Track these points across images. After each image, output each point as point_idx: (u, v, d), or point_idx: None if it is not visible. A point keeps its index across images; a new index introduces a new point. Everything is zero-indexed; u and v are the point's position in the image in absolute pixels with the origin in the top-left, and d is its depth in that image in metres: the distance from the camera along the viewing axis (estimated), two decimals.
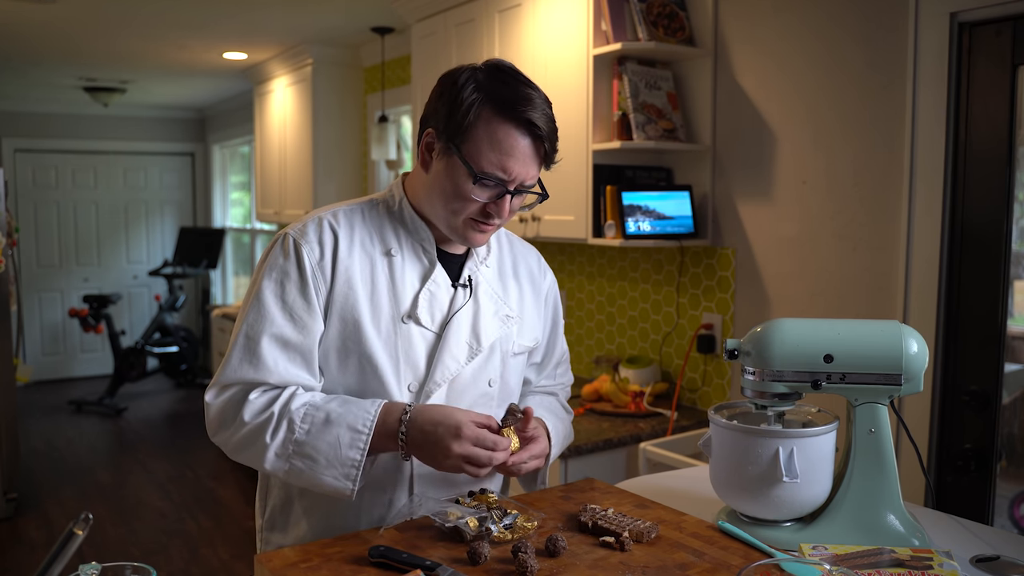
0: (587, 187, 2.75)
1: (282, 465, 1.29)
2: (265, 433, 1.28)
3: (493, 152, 1.28)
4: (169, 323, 7.04)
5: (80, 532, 0.91)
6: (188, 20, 4.26)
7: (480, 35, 3.22)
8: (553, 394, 1.64)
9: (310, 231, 1.36)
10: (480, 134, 1.28)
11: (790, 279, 2.54)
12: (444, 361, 1.38)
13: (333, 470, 1.27)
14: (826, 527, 1.30)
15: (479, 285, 1.44)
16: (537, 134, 1.29)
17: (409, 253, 1.40)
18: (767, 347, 1.30)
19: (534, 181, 1.34)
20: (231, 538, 4.04)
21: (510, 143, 1.28)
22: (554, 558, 1.19)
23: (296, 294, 1.33)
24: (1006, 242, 2.04)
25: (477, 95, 1.28)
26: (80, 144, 7.58)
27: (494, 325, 1.44)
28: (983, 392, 2.08)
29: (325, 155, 4.98)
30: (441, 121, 1.31)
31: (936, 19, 2.10)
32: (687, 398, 2.91)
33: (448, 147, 1.31)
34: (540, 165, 1.34)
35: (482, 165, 1.28)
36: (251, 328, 1.32)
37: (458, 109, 1.28)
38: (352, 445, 1.27)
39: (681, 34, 2.73)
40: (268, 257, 1.37)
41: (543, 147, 1.31)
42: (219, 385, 1.33)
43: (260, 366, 1.31)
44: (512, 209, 1.35)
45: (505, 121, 1.28)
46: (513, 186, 1.31)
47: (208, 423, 1.36)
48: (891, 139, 2.24)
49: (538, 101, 1.30)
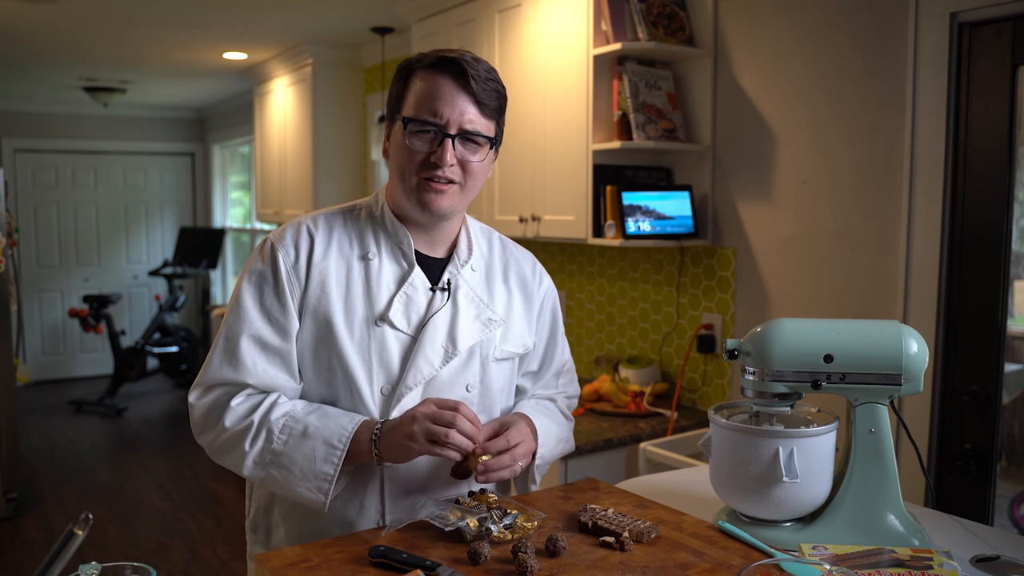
0: (587, 187, 2.75)
1: (259, 473, 1.32)
2: (245, 441, 1.31)
3: (421, 101, 1.33)
4: (169, 323, 7.04)
5: (80, 532, 0.91)
6: (188, 20, 4.26)
7: (480, 35, 3.22)
8: (552, 400, 1.59)
9: (288, 236, 1.39)
10: (410, 93, 1.35)
11: (790, 279, 2.54)
12: (417, 364, 1.37)
13: (307, 482, 1.30)
14: (826, 527, 1.30)
15: (459, 288, 1.43)
16: (460, 70, 1.32)
17: (387, 256, 1.41)
18: (767, 347, 1.30)
19: (476, 126, 1.34)
20: (231, 538, 4.04)
21: (432, 87, 1.33)
22: (554, 558, 1.19)
23: (273, 298, 1.36)
24: (1006, 242, 2.04)
25: (410, 66, 1.37)
26: (80, 144, 7.58)
27: (474, 329, 1.42)
28: (983, 392, 2.08)
29: (325, 155, 4.98)
30: (390, 103, 1.40)
31: (936, 19, 2.10)
32: (687, 398, 2.91)
33: (392, 119, 1.39)
34: (477, 108, 1.34)
35: (412, 114, 1.34)
36: (230, 330, 1.35)
37: (396, 84, 1.38)
38: (327, 459, 1.29)
39: (681, 34, 2.73)
40: (249, 262, 1.40)
41: (470, 85, 1.32)
42: (201, 386, 1.36)
43: (239, 367, 1.33)
44: (463, 161, 1.34)
45: (428, 71, 1.34)
46: (451, 130, 1.32)
47: (192, 424, 1.39)
48: (891, 139, 2.24)
49: (467, 56, 1.34)
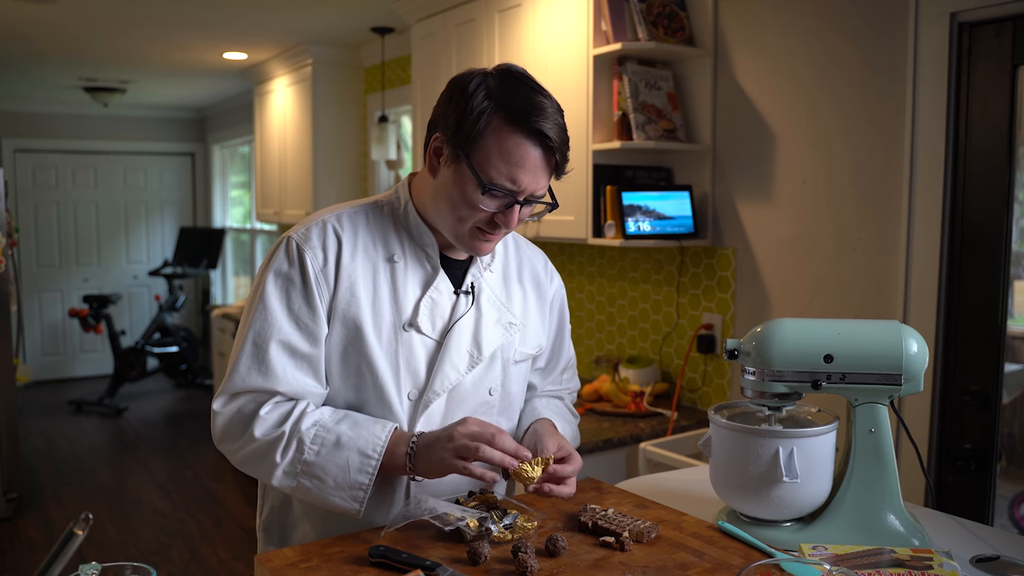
0: (587, 187, 2.75)
1: (290, 482, 1.29)
2: (275, 451, 1.27)
3: (503, 163, 1.25)
4: (169, 323, 7.04)
5: (80, 532, 0.91)
6: (188, 20, 4.26)
7: (480, 35, 3.22)
8: (559, 398, 1.62)
9: (314, 236, 1.34)
10: (490, 144, 1.25)
11: (790, 279, 2.54)
12: (444, 370, 1.36)
13: (341, 492, 1.27)
14: (826, 527, 1.30)
15: (482, 292, 1.42)
16: (548, 145, 1.26)
17: (412, 259, 1.38)
18: (767, 347, 1.30)
19: (544, 191, 1.32)
20: (231, 538, 4.04)
21: (520, 154, 1.25)
22: (554, 558, 1.19)
23: (301, 301, 1.31)
24: (1006, 242, 2.04)
25: (487, 103, 1.25)
26: (80, 144, 7.58)
27: (496, 333, 1.41)
28: (983, 392, 2.08)
29: (325, 155, 4.98)
30: (450, 127, 1.28)
31: (936, 19, 2.10)
32: (687, 398, 2.91)
33: (457, 155, 1.27)
34: (550, 175, 1.31)
35: (491, 176, 1.25)
36: (258, 335, 1.30)
37: (467, 117, 1.25)
38: (361, 469, 1.27)
39: (681, 34, 2.73)
40: (272, 261, 1.34)
41: (554, 158, 1.28)
42: (228, 393, 1.31)
43: (269, 374, 1.29)
44: (520, 219, 1.32)
45: (516, 131, 1.24)
46: (522, 197, 1.28)
47: (214, 431, 1.34)
48: (891, 139, 2.24)
49: (550, 111, 1.26)
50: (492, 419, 1.43)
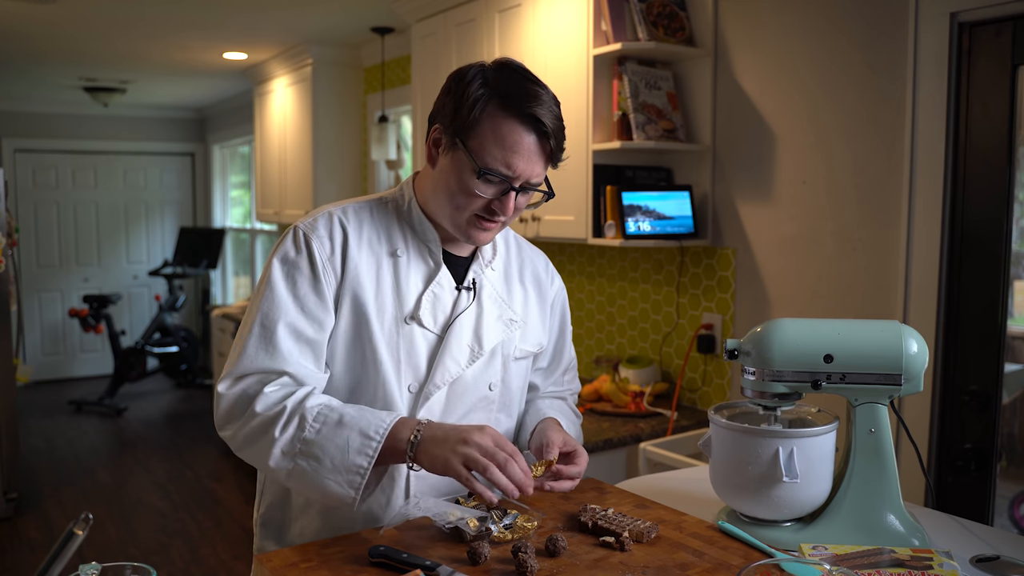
0: (587, 187, 2.75)
1: (287, 464, 1.25)
2: (275, 427, 1.25)
3: (498, 148, 1.27)
4: (169, 323, 7.04)
5: (80, 532, 0.91)
6: (188, 20, 4.26)
7: (480, 35, 3.22)
8: (562, 398, 1.64)
9: (320, 225, 1.36)
10: (486, 130, 1.28)
11: (790, 279, 2.54)
12: (445, 363, 1.37)
13: (337, 475, 1.23)
14: (826, 527, 1.30)
15: (483, 288, 1.44)
16: (543, 131, 1.29)
17: (414, 254, 1.40)
18: (767, 347, 1.30)
19: (540, 179, 1.34)
20: (231, 538, 4.04)
21: (515, 139, 1.28)
22: (554, 558, 1.19)
23: (308, 288, 1.32)
24: (1006, 242, 2.04)
25: (484, 90, 1.28)
26: (80, 144, 7.58)
27: (497, 329, 1.43)
28: (983, 392, 2.08)
29: (325, 155, 4.98)
30: (448, 116, 1.31)
31: (936, 19, 2.10)
32: (687, 398, 2.91)
33: (454, 142, 1.30)
34: (546, 163, 1.33)
35: (487, 161, 1.28)
36: (266, 317, 1.31)
37: (464, 104, 1.28)
38: (361, 451, 1.23)
39: (681, 34, 2.73)
40: (279, 249, 1.36)
41: (549, 144, 1.30)
42: (233, 375, 1.30)
43: (276, 354, 1.29)
44: (517, 207, 1.34)
45: (510, 117, 1.27)
46: (518, 183, 1.31)
47: (218, 415, 1.32)
48: (891, 139, 2.24)
49: (545, 99, 1.29)
50: (492, 414, 1.45)
